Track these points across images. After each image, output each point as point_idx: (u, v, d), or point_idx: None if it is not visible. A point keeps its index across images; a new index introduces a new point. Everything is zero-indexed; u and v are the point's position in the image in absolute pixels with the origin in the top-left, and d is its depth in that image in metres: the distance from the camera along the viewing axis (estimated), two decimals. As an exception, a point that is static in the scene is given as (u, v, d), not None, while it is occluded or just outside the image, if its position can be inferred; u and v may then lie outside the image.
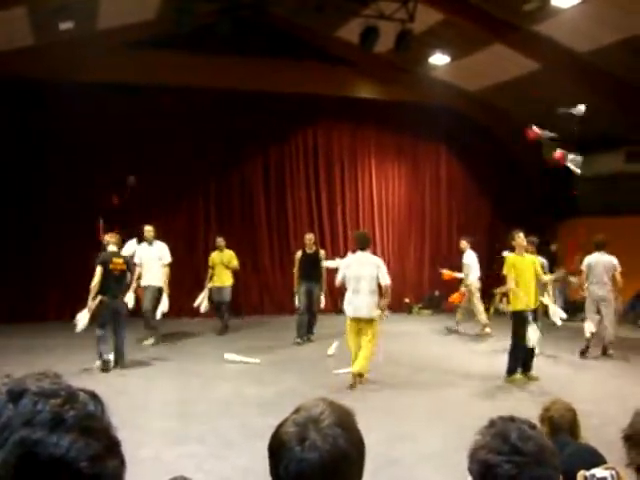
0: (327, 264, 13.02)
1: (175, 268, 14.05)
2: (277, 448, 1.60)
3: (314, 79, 16.56)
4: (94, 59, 14.69)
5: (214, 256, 14.03)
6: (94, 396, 0.85)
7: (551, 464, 1.89)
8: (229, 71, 15.65)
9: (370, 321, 9.61)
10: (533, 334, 9.70)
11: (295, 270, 13.19)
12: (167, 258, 12.69)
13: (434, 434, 7.35)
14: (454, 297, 14.83)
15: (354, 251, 10.25)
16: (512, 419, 1.99)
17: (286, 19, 15.84)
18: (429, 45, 14.69)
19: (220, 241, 14.06)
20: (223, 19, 13.20)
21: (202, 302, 13.78)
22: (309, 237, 13.41)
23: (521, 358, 9.92)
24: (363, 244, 9.88)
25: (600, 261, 11.49)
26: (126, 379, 9.67)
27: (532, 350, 9.94)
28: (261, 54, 16.02)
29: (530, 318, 9.73)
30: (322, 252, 13.60)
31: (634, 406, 2.43)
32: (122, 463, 0.82)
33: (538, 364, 10.24)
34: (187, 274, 15.81)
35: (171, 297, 13.32)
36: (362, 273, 9.58)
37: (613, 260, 11.44)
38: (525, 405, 7.79)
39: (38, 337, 12.57)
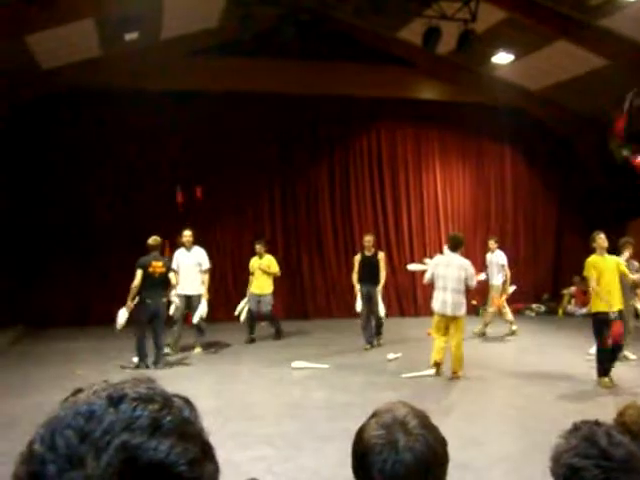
0: (411, 268, 13.46)
1: (243, 275, 14.43)
2: (365, 452, 1.61)
3: (376, 81, 16.51)
4: (159, 68, 14.96)
5: (253, 262, 13.60)
6: (188, 402, 0.87)
7: (638, 472, 1.86)
8: (292, 76, 15.73)
9: (455, 319, 10.15)
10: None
11: (354, 273, 12.76)
12: (206, 264, 12.22)
13: (503, 438, 7.28)
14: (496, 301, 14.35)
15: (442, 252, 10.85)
16: (597, 423, 1.96)
17: (347, 22, 15.84)
18: (492, 44, 14.51)
19: (259, 247, 13.56)
20: (286, 24, 13.28)
21: (242, 310, 13.38)
22: (368, 239, 12.85)
23: (607, 360, 9.58)
24: (454, 246, 10.35)
25: None
26: (175, 381, 9.80)
27: (614, 355, 9.65)
28: (323, 58, 16.04)
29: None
30: (381, 254, 12.88)
31: None
32: (217, 467, 0.84)
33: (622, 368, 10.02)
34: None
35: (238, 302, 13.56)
36: (448, 274, 10.09)
37: None
38: (597, 410, 7.64)
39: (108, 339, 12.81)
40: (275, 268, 13.49)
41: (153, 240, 10.99)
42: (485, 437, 7.32)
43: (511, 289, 14.43)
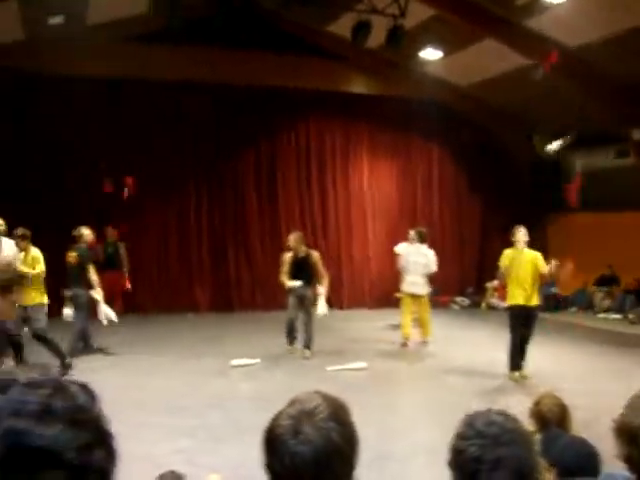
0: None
1: (172, 265, 14.23)
2: (271, 441, 1.61)
3: (306, 74, 16.52)
4: (84, 54, 14.57)
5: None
6: (85, 388, 0.84)
7: (519, 444, 1.95)
8: (219, 65, 15.58)
9: (420, 297, 12.31)
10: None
11: (283, 273, 11.37)
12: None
13: (424, 428, 7.37)
14: None
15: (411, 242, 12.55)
16: (483, 411, 2.06)
17: (277, 13, 15.78)
18: (421, 40, 14.64)
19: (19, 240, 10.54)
20: (217, 13, 13.15)
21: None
22: (292, 238, 11.62)
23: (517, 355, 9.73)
24: (421, 238, 12.46)
25: None
26: (94, 374, 9.64)
27: (523, 348, 9.78)
28: (252, 48, 15.91)
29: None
30: (315, 255, 11.44)
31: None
32: (110, 454, 0.81)
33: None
34: (181, 268, 16.39)
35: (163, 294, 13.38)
36: (418, 260, 12.22)
37: None
38: (517, 400, 7.82)
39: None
40: (40, 267, 9.63)
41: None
42: (407, 428, 7.40)
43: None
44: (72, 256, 10.43)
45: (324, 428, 1.56)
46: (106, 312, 10.62)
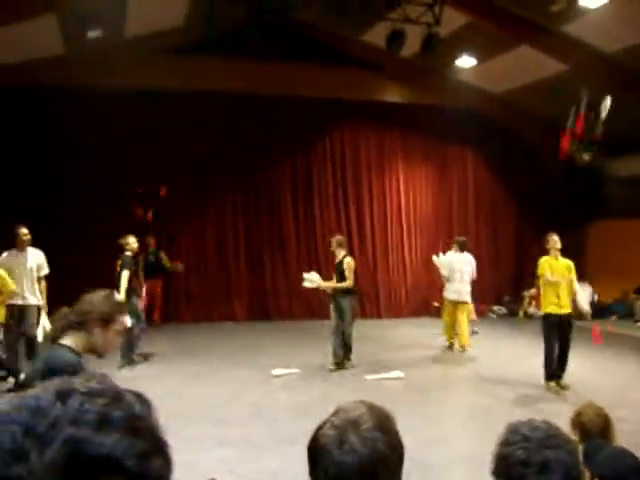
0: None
1: (210, 274, 14.31)
2: (316, 451, 1.61)
3: (340, 84, 16.56)
4: (122, 66, 14.81)
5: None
6: (140, 397, 0.87)
7: (564, 448, 1.97)
8: (256, 76, 15.68)
9: (465, 304, 12.70)
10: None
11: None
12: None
13: (463, 437, 7.34)
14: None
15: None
16: (528, 420, 2.07)
17: (312, 24, 15.85)
18: (455, 48, 14.63)
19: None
20: (250, 25, 13.25)
21: None
22: (333, 240, 11.50)
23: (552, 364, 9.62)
24: (463, 247, 12.99)
25: None
26: (138, 383, 9.73)
27: (564, 357, 9.65)
28: (288, 59, 16.01)
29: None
30: (346, 260, 11.03)
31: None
32: (167, 463, 0.84)
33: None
34: (219, 278, 16.45)
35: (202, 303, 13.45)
36: (464, 269, 12.64)
37: None
38: (557, 410, 7.75)
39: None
40: (10, 286, 9.08)
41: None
42: (446, 437, 7.38)
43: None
44: (118, 264, 10.85)
45: (369, 438, 1.57)
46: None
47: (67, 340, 3.38)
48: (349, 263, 10.98)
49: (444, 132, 18.04)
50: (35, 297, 9.60)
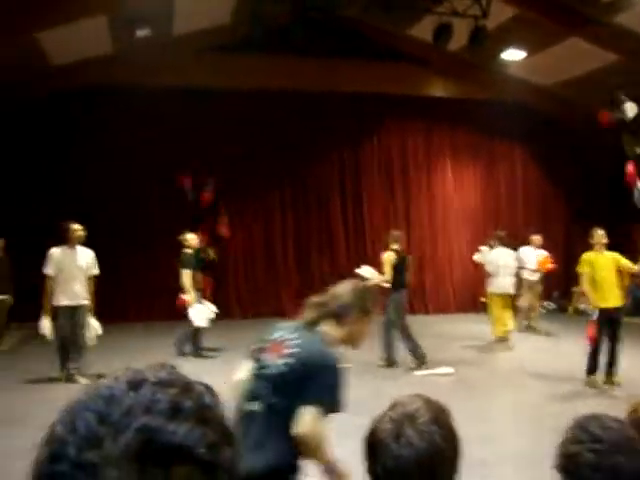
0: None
1: (258, 270, 14.52)
2: (373, 444, 1.61)
3: (387, 79, 16.51)
4: (170, 65, 15.00)
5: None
6: (209, 388, 0.88)
7: (638, 454, 1.83)
8: (302, 73, 15.76)
9: (511, 296, 12.97)
10: None
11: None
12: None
13: (514, 435, 7.28)
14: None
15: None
16: (595, 415, 1.95)
17: (357, 20, 15.84)
18: (503, 41, 14.49)
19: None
20: (296, 22, 13.30)
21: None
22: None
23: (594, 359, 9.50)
24: (505, 242, 13.15)
25: None
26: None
27: (614, 352, 9.48)
28: (334, 55, 16.05)
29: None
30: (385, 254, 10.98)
31: None
32: (237, 454, 0.84)
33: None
34: (267, 274, 16.69)
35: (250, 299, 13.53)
36: (508, 263, 12.80)
37: None
38: (610, 407, 7.63)
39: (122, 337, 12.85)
40: None
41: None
42: (495, 434, 7.32)
43: None
44: (177, 261, 11.15)
45: (426, 431, 1.57)
46: (196, 316, 11.07)
47: (323, 329, 3.37)
48: (386, 258, 10.84)
49: (492, 127, 17.89)
50: (85, 297, 9.47)
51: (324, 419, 3.09)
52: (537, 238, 14.54)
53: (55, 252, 9.39)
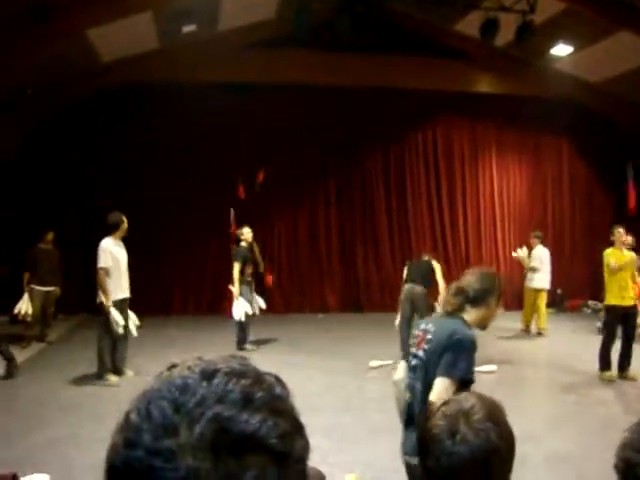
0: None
1: (303, 265, 14.59)
2: (427, 440, 1.62)
3: (433, 74, 16.39)
4: (216, 60, 15.09)
5: None
6: (279, 379, 0.91)
7: None
8: (347, 68, 15.69)
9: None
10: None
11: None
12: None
13: (558, 433, 7.21)
14: None
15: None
16: None
17: (403, 14, 15.76)
18: (551, 36, 14.27)
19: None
20: (341, 17, 13.26)
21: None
22: None
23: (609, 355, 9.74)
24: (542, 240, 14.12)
25: None
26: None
27: (629, 348, 9.69)
28: (379, 50, 15.95)
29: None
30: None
31: None
32: (307, 444, 0.86)
33: None
34: (311, 269, 16.70)
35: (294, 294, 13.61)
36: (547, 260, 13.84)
37: None
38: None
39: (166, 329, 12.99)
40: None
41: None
42: (538, 433, 7.25)
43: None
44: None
45: (481, 429, 1.57)
46: (235, 309, 11.30)
47: (464, 314, 3.75)
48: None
49: (539, 123, 17.66)
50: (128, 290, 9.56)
51: (454, 390, 3.41)
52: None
53: (109, 244, 9.29)
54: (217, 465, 0.77)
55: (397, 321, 11.17)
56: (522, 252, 13.20)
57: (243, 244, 11.66)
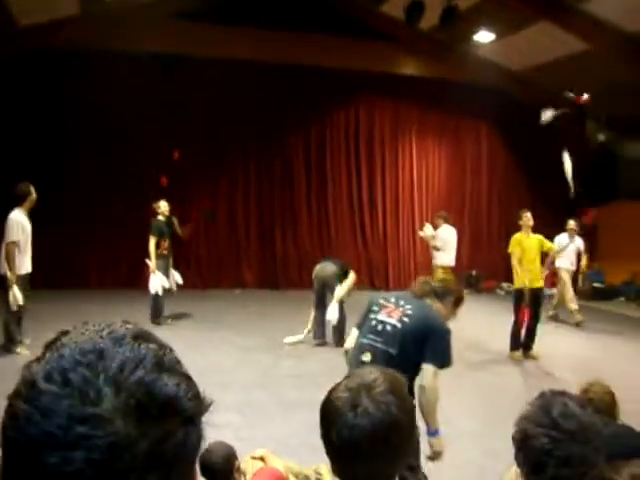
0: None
1: (220, 241, 14.51)
2: (329, 413, 1.62)
3: (357, 54, 16.38)
4: (137, 30, 14.74)
5: None
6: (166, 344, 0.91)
7: (591, 444, 1.88)
8: (270, 44, 15.53)
9: None
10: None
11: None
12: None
13: (469, 413, 7.39)
14: None
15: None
16: (562, 393, 1.98)
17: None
18: (474, 22, 14.43)
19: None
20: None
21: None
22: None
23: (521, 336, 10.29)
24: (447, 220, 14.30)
25: None
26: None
27: (534, 328, 10.26)
28: (302, 28, 15.83)
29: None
30: None
31: None
32: (207, 404, 0.87)
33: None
34: (229, 247, 16.52)
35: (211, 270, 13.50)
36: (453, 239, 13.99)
37: None
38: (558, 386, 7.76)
39: (82, 303, 12.73)
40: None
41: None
42: (452, 413, 7.42)
43: None
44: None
45: (383, 402, 1.59)
46: (152, 283, 11.27)
47: (428, 302, 4.41)
48: None
49: (460, 107, 17.88)
50: None
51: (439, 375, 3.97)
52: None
53: (19, 217, 8.95)
54: (144, 430, 0.76)
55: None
56: (428, 231, 13.39)
57: (160, 217, 11.59)
